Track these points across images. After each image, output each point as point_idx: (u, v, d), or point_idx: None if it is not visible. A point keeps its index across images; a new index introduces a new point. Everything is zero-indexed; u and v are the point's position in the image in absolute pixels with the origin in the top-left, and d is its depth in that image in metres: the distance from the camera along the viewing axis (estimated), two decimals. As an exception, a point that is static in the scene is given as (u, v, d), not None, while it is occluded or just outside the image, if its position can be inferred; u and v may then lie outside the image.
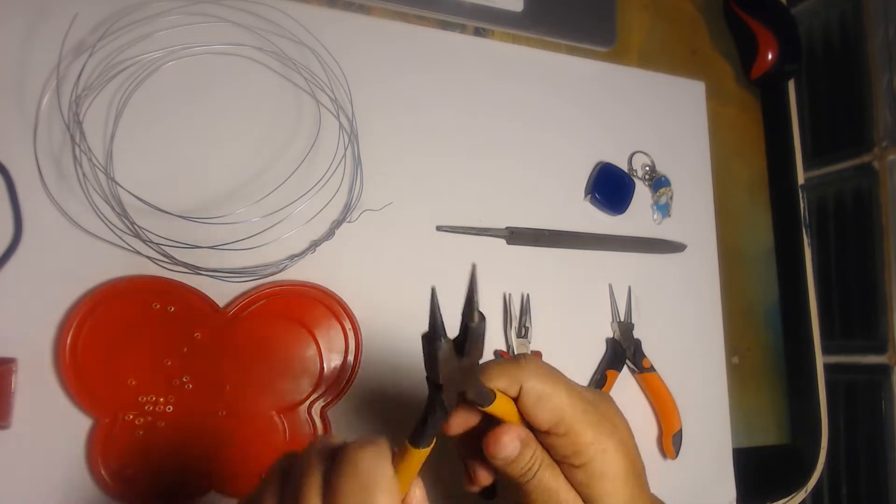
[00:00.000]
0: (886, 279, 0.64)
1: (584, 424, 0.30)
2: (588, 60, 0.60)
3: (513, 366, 0.30)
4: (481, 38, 0.56)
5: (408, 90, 0.52)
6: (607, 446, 0.30)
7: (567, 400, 0.30)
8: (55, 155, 0.42)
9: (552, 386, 0.30)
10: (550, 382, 0.30)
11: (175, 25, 0.45)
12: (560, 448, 0.31)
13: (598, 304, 0.55)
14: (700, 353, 0.59)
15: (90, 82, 0.43)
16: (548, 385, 0.30)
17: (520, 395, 0.30)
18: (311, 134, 0.48)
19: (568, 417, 0.30)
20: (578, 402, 0.30)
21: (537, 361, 0.31)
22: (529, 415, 0.30)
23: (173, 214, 0.43)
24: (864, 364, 0.65)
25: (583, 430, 0.30)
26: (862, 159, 0.67)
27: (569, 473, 0.31)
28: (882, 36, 0.66)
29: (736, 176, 0.66)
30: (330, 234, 0.47)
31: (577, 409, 0.30)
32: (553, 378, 0.30)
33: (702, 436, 0.57)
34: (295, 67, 0.48)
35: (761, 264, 0.66)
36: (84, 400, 0.39)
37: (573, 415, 0.30)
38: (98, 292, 0.40)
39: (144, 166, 0.43)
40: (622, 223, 0.58)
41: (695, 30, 0.67)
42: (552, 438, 0.30)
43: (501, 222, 0.53)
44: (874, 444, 0.63)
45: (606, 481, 0.30)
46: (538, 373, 0.30)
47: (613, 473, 0.30)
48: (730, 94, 0.67)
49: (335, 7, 0.51)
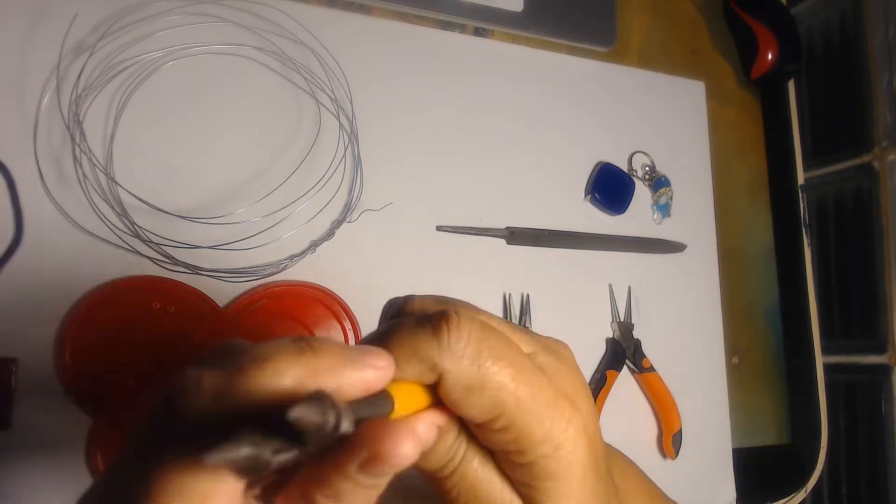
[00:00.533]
0: (886, 279, 0.64)
1: (532, 417, 0.21)
2: (588, 60, 0.60)
3: (427, 338, 0.20)
4: (481, 38, 0.56)
5: (408, 90, 0.52)
6: (563, 441, 0.21)
7: (511, 387, 0.20)
8: (55, 155, 0.42)
9: (491, 367, 0.20)
10: (489, 363, 0.20)
11: (175, 25, 0.45)
12: (497, 442, 0.21)
13: (597, 304, 0.55)
14: (700, 353, 0.59)
15: (90, 82, 0.43)
16: (485, 368, 0.20)
17: (439, 383, 0.20)
18: (311, 134, 0.48)
19: (510, 410, 0.20)
20: (526, 383, 0.21)
21: (467, 323, 0.20)
22: (454, 407, 0.21)
23: (173, 214, 0.43)
24: (864, 364, 0.65)
25: (531, 424, 0.21)
26: (862, 159, 0.67)
27: (506, 466, 0.22)
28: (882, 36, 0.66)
29: (736, 176, 0.66)
30: (330, 234, 0.47)
31: (524, 395, 0.21)
32: (493, 355, 0.20)
33: (701, 436, 0.57)
34: (295, 67, 0.48)
35: (761, 264, 0.66)
36: (84, 400, 0.39)
37: (518, 405, 0.20)
38: (98, 292, 0.40)
39: (144, 166, 0.43)
40: (622, 223, 0.58)
41: (695, 30, 0.67)
42: (484, 431, 0.21)
43: (501, 222, 0.53)
44: (874, 445, 0.63)
45: (558, 483, 0.22)
46: (469, 350, 0.20)
47: (567, 474, 0.22)
48: (730, 94, 0.67)
49: (335, 7, 0.51)
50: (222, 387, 0.17)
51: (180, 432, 0.17)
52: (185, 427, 0.17)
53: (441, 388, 0.20)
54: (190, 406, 0.17)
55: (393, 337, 0.20)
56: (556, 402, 0.22)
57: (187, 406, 0.17)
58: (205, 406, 0.17)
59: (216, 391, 0.17)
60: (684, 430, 0.55)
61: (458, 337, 0.20)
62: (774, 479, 0.62)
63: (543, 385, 0.21)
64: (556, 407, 0.21)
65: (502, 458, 0.22)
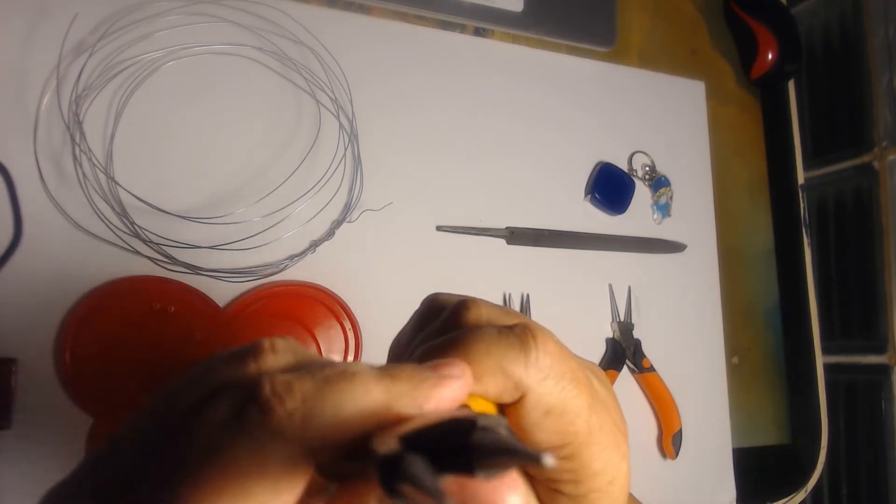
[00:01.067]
0: (886, 279, 0.64)
1: (597, 448, 0.20)
2: (588, 60, 0.60)
3: (514, 352, 0.18)
4: (481, 38, 0.56)
5: (408, 90, 0.52)
6: (616, 476, 0.20)
7: (586, 414, 0.19)
8: (55, 155, 0.42)
9: (573, 391, 0.19)
10: (571, 386, 0.19)
11: (175, 25, 0.45)
12: (554, 471, 0.20)
13: (598, 304, 0.55)
14: (700, 353, 0.59)
15: (90, 82, 0.43)
16: (567, 391, 0.19)
17: (518, 404, 0.19)
18: (311, 134, 0.48)
19: (581, 439, 0.19)
20: (597, 411, 0.20)
21: (552, 340, 0.19)
22: (525, 432, 0.19)
23: (173, 214, 0.43)
24: (864, 364, 0.65)
25: (594, 455, 0.20)
26: (862, 159, 0.67)
27: (549, 495, 0.20)
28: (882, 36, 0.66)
29: (736, 176, 0.66)
30: (330, 234, 0.47)
31: (595, 424, 0.19)
32: (575, 378, 0.19)
33: (702, 436, 0.57)
34: (295, 67, 0.48)
35: (761, 264, 0.66)
36: (84, 400, 0.39)
37: (589, 434, 0.19)
38: (98, 292, 0.40)
39: (144, 166, 0.43)
40: (622, 223, 0.58)
41: (695, 30, 0.67)
42: None
43: (501, 222, 0.53)
44: (874, 445, 0.63)
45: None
46: (555, 370, 0.19)
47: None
48: (730, 94, 0.67)
49: (335, 7, 0.51)
50: (312, 397, 0.15)
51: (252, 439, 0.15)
52: (257, 438, 0.15)
53: (520, 409, 0.19)
54: (273, 413, 0.15)
55: (474, 346, 0.18)
56: (614, 434, 0.21)
57: (269, 413, 0.15)
58: (290, 418, 0.15)
59: (306, 401, 0.15)
60: (684, 430, 0.55)
61: (545, 353, 0.18)
62: (774, 479, 0.62)
63: (605, 415, 0.20)
64: (614, 439, 0.20)
65: (549, 487, 0.20)
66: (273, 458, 0.15)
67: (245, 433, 0.15)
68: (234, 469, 0.15)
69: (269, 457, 0.15)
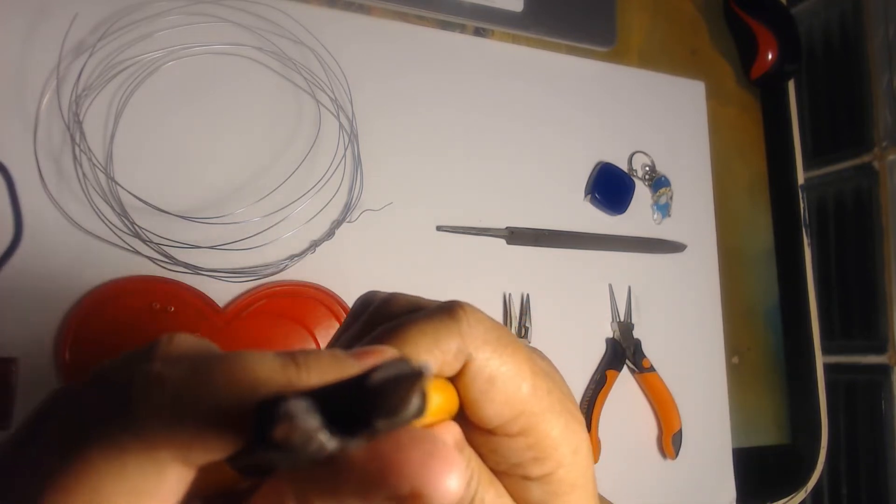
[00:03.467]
0: (886, 279, 0.64)
1: (552, 416, 0.19)
2: (588, 60, 0.60)
3: (447, 325, 0.18)
4: (481, 38, 0.56)
5: (408, 90, 0.52)
6: (580, 444, 0.20)
7: (531, 380, 0.19)
8: (55, 155, 0.42)
9: (512, 357, 0.18)
10: (509, 352, 0.18)
11: (175, 25, 0.45)
12: (509, 453, 0.19)
13: (598, 304, 0.55)
14: (700, 353, 0.59)
15: (90, 82, 0.43)
16: (506, 357, 0.18)
17: (461, 375, 0.18)
18: (311, 134, 0.48)
19: (530, 407, 0.19)
20: (542, 378, 0.19)
21: (481, 314, 0.19)
22: (473, 405, 0.18)
23: (173, 214, 0.43)
24: (864, 364, 0.65)
25: (550, 423, 0.19)
26: (862, 159, 0.67)
27: (521, 489, 0.20)
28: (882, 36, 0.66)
29: (736, 176, 0.66)
30: (330, 234, 0.47)
31: (543, 389, 0.19)
32: (511, 343, 0.19)
33: (702, 436, 0.57)
34: (295, 67, 0.48)
35: (761, 264, 0.65)
36: (84, 400, 0.39)
37: (539, 401, 0.19)
38: (98, 292, 0.40)
39: (144, 166, 0.43)
40: (622, 223, 0.58)
41: (695, 30, 0.67)
42: (498, 441, 0.19)
43: (501, 222, 0.53)
44: (874, 444, 0.63)
45: (575, 495, 0.20)
46: (490, 336, 0.18)
47: (585, 480, 0.20)
48: (730, 94, 0.67)
49: (335, 7, 0.51)
50: (186, 387, 0.14)
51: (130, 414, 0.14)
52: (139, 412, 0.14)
53: (465, 380, 0.18)
54: (135, 407, 0.14)
55: (408, 329, 0.18)
56: (565, 402, 0.20)
57: (131, 407, 0.14)
58: (155, 411, 0.14)
59: (177, 394, 0.14)
60: (684, 430, 0.55)
61: (477, 321, 0.18)
62: (774, 479, 0.62)
63: (551, 382, 0.20)
64: (567, 406, 0.20)
65: (516, 480, 0.20)
66: (132, 459, 0.14)
67: (101, 432, 0.14)
68: (86, 470, 0.14)
69: (128, 458, 0.14)
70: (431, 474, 0.13)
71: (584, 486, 0.20)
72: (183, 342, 0.16)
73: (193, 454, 0.14)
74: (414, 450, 0.13)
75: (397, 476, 0.13)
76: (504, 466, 0.19)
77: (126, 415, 0.14)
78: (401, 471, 0.13)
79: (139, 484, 0.14)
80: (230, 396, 0.14)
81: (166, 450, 0.14)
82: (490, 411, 0.18)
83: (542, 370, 0.20)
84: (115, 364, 0.16)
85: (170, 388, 0.14)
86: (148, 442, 0.14)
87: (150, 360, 0.15)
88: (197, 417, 0.14)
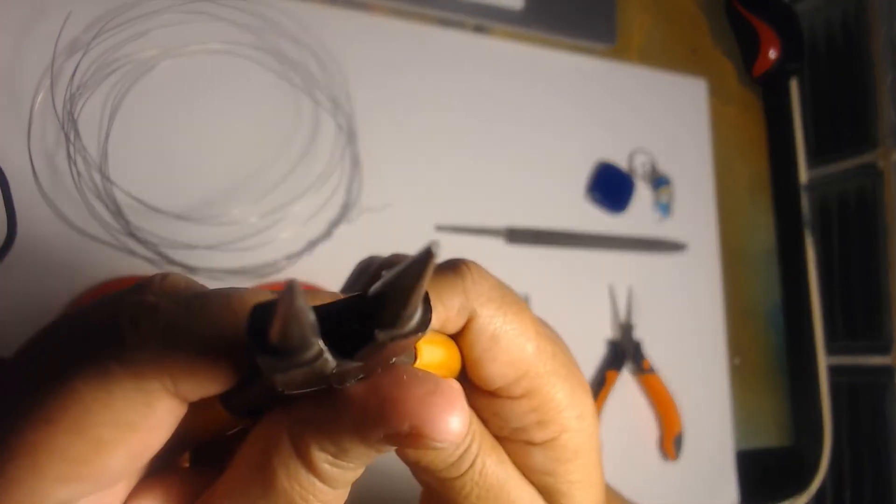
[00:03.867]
0: (890, 279, 0.63)
1: (557, 379, 0.18)
2: (588, 58, 0.59)
3: (451, 280, 0.17)
4: (481, 36, 0.56)
5: (407, 89, 0.52)
6: (585, 410, 0.19)
7: (536, 340, 0.18)
8: (49, 154, 0.41)
9: (516, 316, 0.18)
10: (514, 310, 0.18)
11: (170, 24, 0.45)
12: (513, 417, 0.19)
13: (598, 304, 0.55)
14: (701, 354, 0.59)
15: (84, 81, 0.42)
16: (510, 315, 0.18)
17: (464, 332, 0.18)
18: (309, 133, 0.48)
19: (534, 368, 0.18)
20: (546, 340, 0.19)
21: (485, 272, 0.18)
22: (476, 364, 0.18)
23: (169, 214, 0.42)
24: (868, 365, 0.65)
25: (556, 387, 0.18)
26: (865, 158, 0.67)
27: (523, 455, 0.19)
28: (886, 33, 0.65)
29: (737, 175, 0.65)
30: (328, 233, 0.46)
31: (547, 353, 0.18)
32: (516, 303, 0.18)
33: (703, 437, 0.56)
34: (292, 66, 0.48)
35: (763, 264, 0.65)
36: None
37: (543, 363, 0.18)
38: (93, 292, 0.40)
39: (140, 165, 0.43)
40: (622, 223, 0.57)
41: (696, 27, 0.66)
42: (501, 403, 0.19)
43: (501, 222, 0.52)
44: (878, 446, 0.63)
45: (582, 460, 0.19)
46: (494, 294, 0.18)
47: (589, 447, 0.19)
48: (731, 92, 0.67)
49: (333, 5, 0.51)
50: (176, 318, 0.14)
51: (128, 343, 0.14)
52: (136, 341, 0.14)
53: (468, 337, 0.17)
54: (127, 335, 0.14)
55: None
56: (570, 366, 0.19)
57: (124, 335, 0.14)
58: (144, 340, 0.14)
59: (169, 323, 0.14)
60: (685, 431, 0.54)
61: (482, 278, 0.18)
62: (777, 482, 0.61)
63: (556, 346, 0.19)
64: (572, 369, 0.19)
65: (518, 446, 0.19)
66: (118, 388, 0.13)
67: (88, 361, 0.14)
68: (70, 399, 0.13)
69: (114, 387, 0.13)
70: (432, 412, 0.13)
71: (589, 454, 0.19)
72: (178, 279, 0.16)
73: (184, 386, 0.14)
74: (415, 387, 0.13)
75: (397, 412, 0.13)
76: (507, 431, 0.19)
77: (115, 343, 0.14)
78: (401, 407, 0.13)
79: (125, 415, 0.13)
80: (225, 325, 0.14)
81: (156, 379, 0.13)
82: (493, 371, 0.18)
83: (548, 334, 0.19)
84: (107, 297, 0.16)
85: (163, 317, 0.14)
86: (136, 371, 0.13)
87: (143, 293, 0.15)
88: (189, 347, 0.13)
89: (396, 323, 0.12)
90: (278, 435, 0.14)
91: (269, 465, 0.14)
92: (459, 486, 0.18)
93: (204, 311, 0.14)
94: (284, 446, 0.14)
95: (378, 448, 0.14)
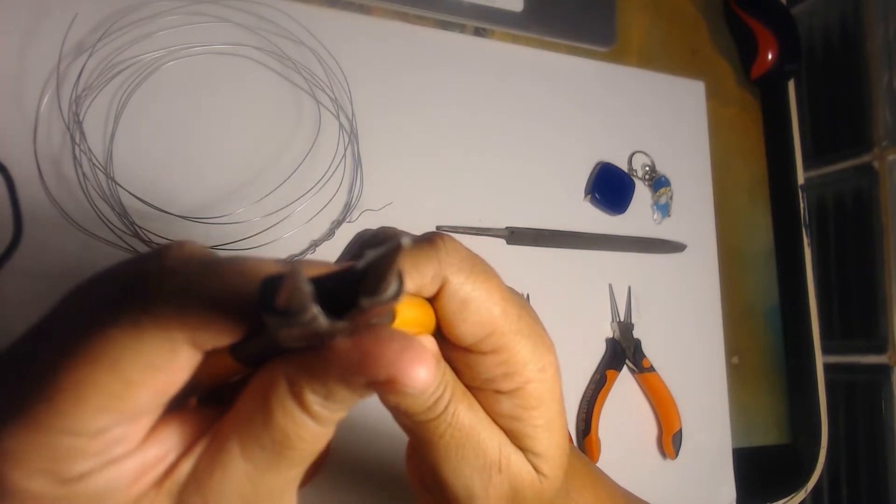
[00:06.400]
0: (886, 279, 0.64)
1: (521, 337, 0.22)
2: (588, 60, 0.60)
3: (426, 250, 0.21)
4: (481, 38, 0.56)
5: (408, 90, 0.52)
6: (547, 364, 0.22)
7: (501, 304, 0.21)
8: (55, 155, 0.42)
9: (484, 283, 0.21)
10: (482, 279, 0.21)
11: (175, 25, 0.45)
12: (482, 369, 0.22)
13: (598, 304, 0.55)
14: (700, 353, 0.59)
15: (90, 82, 0.43)
16: (479, 283, 0.21)
17: (438, 297, 0.21)
18: (310, 134, 0.48)
19: (500, 328, 0.21)
20: (512, 304, 0.22)
21: (458, 245, 0.21)
22: (449, 324, 0.21)
23: (173, 215, 0.43)
24: (864, 364, 0.65)
25: (519, 344, 0.22)
26: (862, 159, 0.67)
27: (492, 402, 0.22)
28: (882, 36, 0.66)
29: (736, 176, 0.66)
30: (330, 233, 0.47)
31: (513, 314, 0.22)
32: (484, 272, 0.21)
33: (701, 436, 0.57)
34: (295, 67, 0.48)
35: (761, 264, 0.65)
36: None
37: (509, 324, 0.21)
38: (98, 292, 0.40)
39: (144, 166, 0.43)
40: (622, 223, 0.58)
41: (695, 29, 0.67)
42: (472, 357, 0.22)
43: (501, 222, 0.53)
44: (874, 444, 0.63)
45: (544, 408, 0.22)
46: (465, 264, 0.21)
47: (551, 397, 0.23)
48: (730, 94, 0.67)
49: (335, 7, 0.51)
50: (197, 277, 0.17)
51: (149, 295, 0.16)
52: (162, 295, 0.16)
53: (441, 300, 0.21)
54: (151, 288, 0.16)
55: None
56: (534, 327, 0.22)
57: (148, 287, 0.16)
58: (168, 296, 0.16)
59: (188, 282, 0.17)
60: (684, 430, 0.55)
61: (454, 249, 0.21)
62: (774, 480, 0.62)
63: (521, 309, 0.22)
64: (536, 329, 0.22)
65: (488, 395, 0.22)
66: (148, 337, 0.16)
67: (121, 312, 0.16)
68: (109, 344, 0.16)
69: (145, 336, 0.16)
70: (404, 363, 0.15)
71: (550, 403, 0.23)
72: (193, 246, 0.18)
73: (202, 336, 0.16)
74: (392, 343, 0.15)
75: (376, 364, 0.15)
76: (478, 382, 0.22)
77: (144, 300, 0.16)
78: (379, 359, 0.15)
79: (154, 359, 0.16)
80: (236, 286, 0.16)
81: (179, 331, 0.16)
82: (464, 330, 0.21)
83: (514, 300, 0.22)
84: (128, 261, 0.18)
85: (181, 279, 0.17)
86: (163, 323, 0.16)
87: (162, 258, 0.17)
88: (206, 304, 0.16)
89: (376, 292, 0.15)
90: (277, 379, 0.17)
91: (268, 403, 0.17)
92: (434, 428, 0.21)
93: (221, 275, 0.17)
94: (282, 388, 0.17)
95: (361, 393, 0.16)
